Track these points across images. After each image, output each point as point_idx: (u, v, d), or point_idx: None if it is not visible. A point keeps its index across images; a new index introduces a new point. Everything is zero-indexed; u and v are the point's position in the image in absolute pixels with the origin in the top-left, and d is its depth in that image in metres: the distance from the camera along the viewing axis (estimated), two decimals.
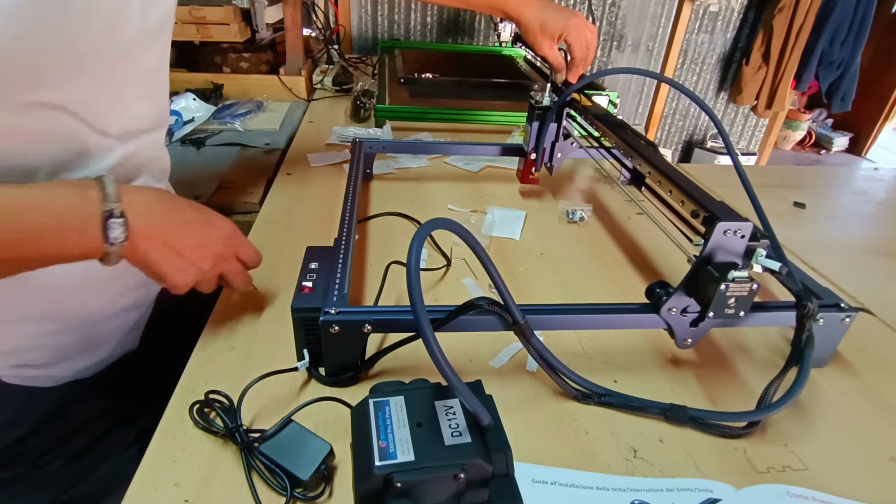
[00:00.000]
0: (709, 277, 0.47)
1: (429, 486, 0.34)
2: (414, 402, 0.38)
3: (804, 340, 0.50)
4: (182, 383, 0.50)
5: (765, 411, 0.47)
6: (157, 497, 0.40)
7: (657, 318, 0.51)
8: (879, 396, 0.54)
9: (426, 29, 2.37)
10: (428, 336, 0.36)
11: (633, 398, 0.50)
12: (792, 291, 0.52)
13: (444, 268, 0.70)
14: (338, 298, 0.50)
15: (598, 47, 2.59)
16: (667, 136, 2.98)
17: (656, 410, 0.49)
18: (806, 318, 0.50)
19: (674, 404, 0.49)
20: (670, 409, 0.49)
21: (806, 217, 0.94)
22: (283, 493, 0.40)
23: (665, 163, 0.60)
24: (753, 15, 2.64)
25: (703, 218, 0.48)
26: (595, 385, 0.51)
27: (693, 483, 0.43)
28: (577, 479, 0.43)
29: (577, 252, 0.77)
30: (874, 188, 1.10)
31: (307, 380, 0.51)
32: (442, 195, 0.90)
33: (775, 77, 2.62)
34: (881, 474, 0.46)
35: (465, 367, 0.54)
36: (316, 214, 0.81)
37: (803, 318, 0.50)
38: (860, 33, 2.55)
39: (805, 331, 0.50)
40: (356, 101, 1.25)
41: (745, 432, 0.48)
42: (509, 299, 0.47)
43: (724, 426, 0.48)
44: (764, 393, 0.48)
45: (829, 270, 0.76)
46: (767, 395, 0.48)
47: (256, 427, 0.45)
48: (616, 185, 0.98)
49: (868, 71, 3.19)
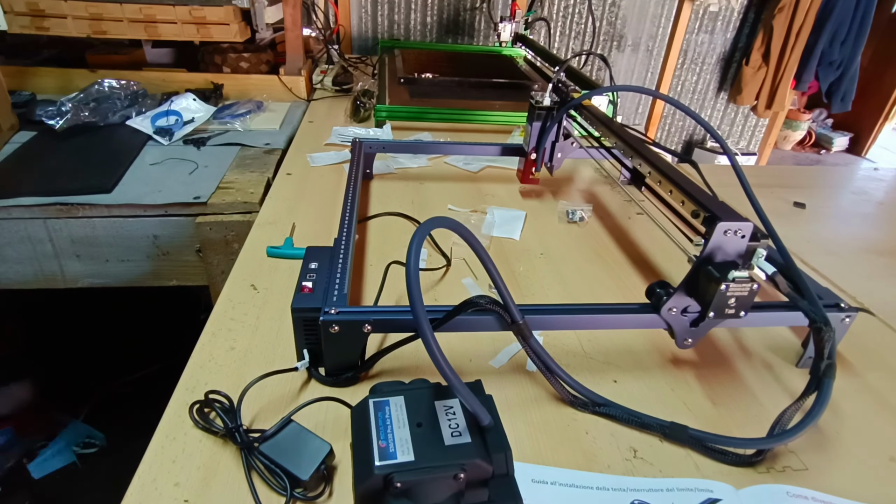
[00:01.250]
0: (709, 277, 0.47)
1: (429, 486, 0.34)
2: (414, 402, 0.38)
3: (823, 369, 0.47)
4: (182, 383, 0.50)
5: (777, 439, 0.44)
6: (156, 497, 0.40)
7: (657, 318, 0.51)
8: (879, 396, 0.54)
9: (426, 29, 2.37)
10: (428, 336, 0.36)
11: (631, 412, 0.48)
12: (806, 314, 0.49)
13: (443, 268, 0.70)
14: (338, 298, 0.50)
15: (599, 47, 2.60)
16: (667, 136, 2.98)
17: (655, 427, 0.47)
18: (824, 342, 0.47)
19: (674, 423, 0.47)
20: (669, 428, 0.47)
21: (806, 217, 0.94)
22: (283, 493, 0.40)
23: (665, 163, 0.60)
24: (753, 15, 2.64)
25: (704, 218, 0.48)
26: (593, 393, 0.50)
27: (693, 483, 0.43)
28: (577, 479, 0.43)
29: (577, 252, 0.77)
30: (874, 188, 1.10)
31: (307, 380, 0.51)
32: (442, 195, 0.90)
33: (775, 77, 2.62)
34: (881, 474, 0.46)
35: (465, 367, 0.54)
36: (316, 214, 0.81)
37: (821, 343, 0.47)
38: (860, 33, 2.55)
39: (825, 358, 0.47)
40: (356, 101, 1.25)
41: (754, 460, 0.45)
42: (508, 299, 0.47)
43: (729, 453, 0.45)
44: (778, 419, 0.45)
45: (829, 270, 0.76)
46: (781, 421, 0.45)
47: (256, 427, 0.45)
48: (616, 185, 0.98)
49: (868, 71, 3.19)
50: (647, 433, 0.48)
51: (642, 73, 2.74)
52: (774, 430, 0.45)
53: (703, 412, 0.51)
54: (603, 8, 2.51)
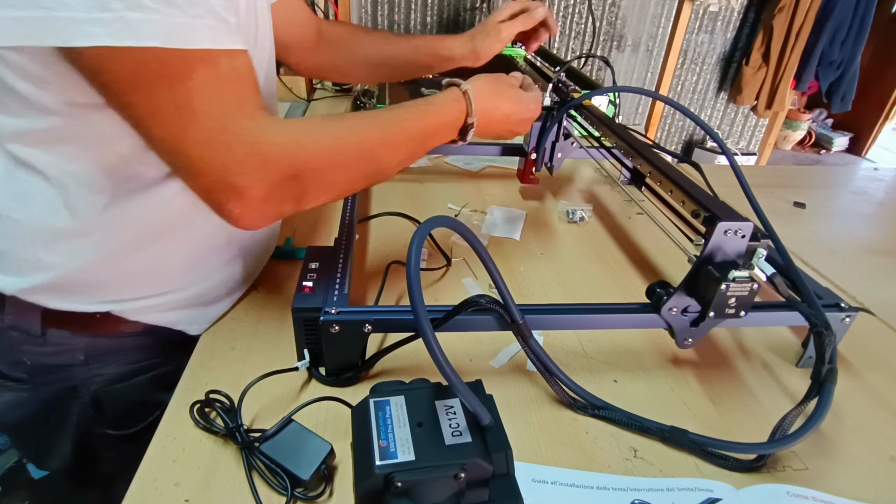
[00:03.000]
0: (709, 277, 0.47)
1: (429, 486, 0.34)
2: (414, 401, 0.38)
3: (824, 374, 0.46)
4: (182, 383, 0.50)
5: (778, 444, 0.44)
6: (157, 497, 0.40)
7: (657, 318, 0.51)
8: (879, 396, 0.54)
9: (426, 29, 2.36)
10: (428, 336, 0.36)
11: (631, 415, 0.48)
12: (806, 318, 0.49)
13: (444, 268, 0.70)
14: (338, 298, 0.50)
15: (599, 47, 2.60)
16: (667, 136, 2.98)
17: (655, 432, 0.47)
18: (825, 346, 0.46)
19: (673, 427, 0.47)
20: (669, 432, 0.47)
21: (806, 217, 0.94)
22: (284, 492, 0.40)
23: (665, 163, 0.60)
24: (753, 15, 2.64)
25: (704, 218, 0.48)
26: (592, 396, 0.49)
27: (693, 483, 0.43)
28: (578, 478, 0.43)
29: (577, 252, 0.77)
30: (874, 188, 1.10)
31: (307, 380, 0.51)
32: (442, 195, 0.90)
33: (775, 77, 2.62)
34: (881, 474, 0.46)
35: (465, 367, 0.54)
36: (316, 214, 0.81)
37: (822, 347, 0.47)
38: (860, 33, 2.55)
39: (826, 363, 0.46)
40: (356, 101, 1.25)
41: (754, 465, 0.45)
42: (508, 298, 0.47)
43: (730, 458, 0.45)
44: (779, 424, 0.45)
45: (829, 270, 0.76)
46: (782, 426, 0.44)
47: (257, 427, 0.45)
48: (616, 185, 0.98)
49: (868, 71, 3.19)
50: (646, 437, 0.48)
51: (642, 73, 2.74)
52: (776, 435, 0.44)
53: (704, 412, 0.51)
54: (603, 8, 2.51)
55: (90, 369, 0.54)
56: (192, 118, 0.38)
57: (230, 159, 0.39)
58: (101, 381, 0.55)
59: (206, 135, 0.38)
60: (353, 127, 0.47)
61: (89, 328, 0.52)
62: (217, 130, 0.39)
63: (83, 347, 0.53)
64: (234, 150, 0.39)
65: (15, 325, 0.51)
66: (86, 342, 0.53)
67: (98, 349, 0.53)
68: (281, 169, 0.41)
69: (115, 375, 0.55)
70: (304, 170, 0.43)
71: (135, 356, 0.56)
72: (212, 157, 0.39)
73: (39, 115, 0.41)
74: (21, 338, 0.51)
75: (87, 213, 0.46)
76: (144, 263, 0.51)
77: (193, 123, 0.38)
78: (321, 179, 0.45)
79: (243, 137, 0.39)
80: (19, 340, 0.51)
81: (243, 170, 0.40)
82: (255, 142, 0.40)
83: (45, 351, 0.52)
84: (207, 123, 0.38)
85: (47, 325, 0.51)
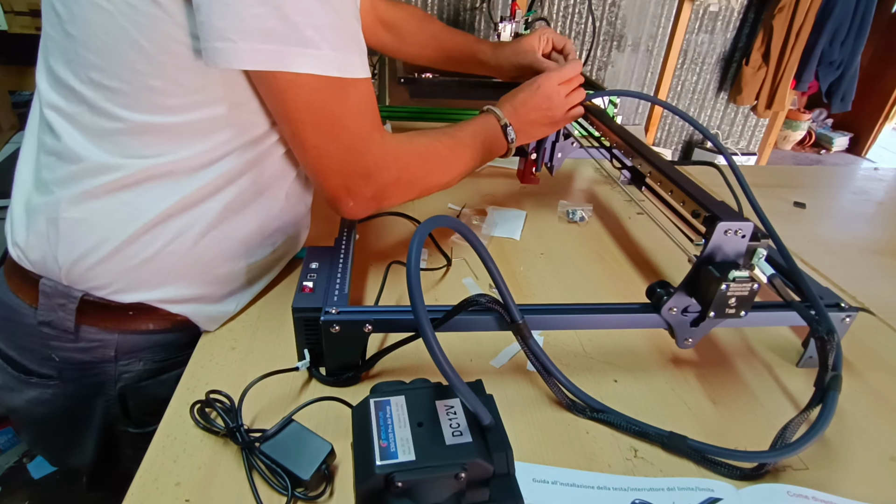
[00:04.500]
0: (710, 277, 0.47)
1: (430, 486, 0.34)
2: (415, 401, 0.38)
3: (828, 381, 0.45)
4: (183, 383, 0.50)
5: (779, 453, 0.43)
6: (157, 497, 0.40)
7: (658, 318, 0.51)
8: (880, 396, 0.54)
9: None
10: (428, 335, 0.36)
11: (630, 419, 0.48)
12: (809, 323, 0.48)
13: (444, 268, 0.70)
14: (338, 298, 0.50)
15: (599, 47, 2.60)
16: (667, 136, 2.98)
17: (654, 437, 0.47)
18: (829, 352, 0.46)
19: (672, 433, 0.46)
20: (668, 437, 0.46)
21: (806, 217, 0.95)
22: (284, 492, 0.40)
23: (665, 162, 0.60)
24: (753, 15, 2.64)
25: (704, 218, 0.48)
26: (592, 399, 0.49)
27: (694, 482, 0.43)
28: (578, 478, 0.43)
29: (577, 252, 0.77)
30: (874, 188, 1.10)
31: (308, 380, 0.51)
32: (442, 195, 0.89)
33: (775, 77, 2.63)
34: (881, 474, 0.46)
35: (465, 367, 0.54)
36: (316, 214, 0.81)
37: (825, 352, 0.46)
38: (860, 33, 2.55)
39: (829, 369, 0.45)
40: None
41: (755, 474, 0.44)
42: (508, 298, 0.47)
43: (730, 466, 0.44)
44: (781, 432, 0.44)
45: (829, 270, 0.76)
46: (785, 434, 0.44)
47: (257, 427, 0.45)
48: (616, 185, 0.98)
49: (868, 71, 3.19)
50: (645, 442, 0.47)
51: (642, 73, 2.74)
52: (778, 443, 0.44)
53: (704, 412, 0.51)
54: (603, 8, 2.51)
55: (118, 366, 0.55)
56: (343, 130, 0.48)
57: (361, 164, 0.50)
58: (129, 377, 0.56)
59: (349, 144, 0.48)
60: (431, 138, 0.59)
61: (121, 324, 0.53)
62: (357, 141, 0.49)
63: (114, 343, 0.54)
64: (365, 157, 0.50)
65: (48, 320, 0.52)
66: (117, 338, 0.54)
67: (128, 345, 0.54)
68: (391, 172, 0.53)
69: (142, 372, 0.56)
70: (404, 174, 0.54)
71: (161, 353, 0.56)
72: (349, 161, 0.49)
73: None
74: (53, 334, 0.52)
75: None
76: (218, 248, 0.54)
77: (343, 134, 0.48)
78: (413, 181, 0.56)
79: (373, 147, 0.50)
80: (51, 336, 0.52)
81: (368, 171, 0.51)
82: (379, 151, 0.51)
83: (77, 347, 0.53)
84: (352, 135, 0.48)
85: (81, 322, 0.52)
